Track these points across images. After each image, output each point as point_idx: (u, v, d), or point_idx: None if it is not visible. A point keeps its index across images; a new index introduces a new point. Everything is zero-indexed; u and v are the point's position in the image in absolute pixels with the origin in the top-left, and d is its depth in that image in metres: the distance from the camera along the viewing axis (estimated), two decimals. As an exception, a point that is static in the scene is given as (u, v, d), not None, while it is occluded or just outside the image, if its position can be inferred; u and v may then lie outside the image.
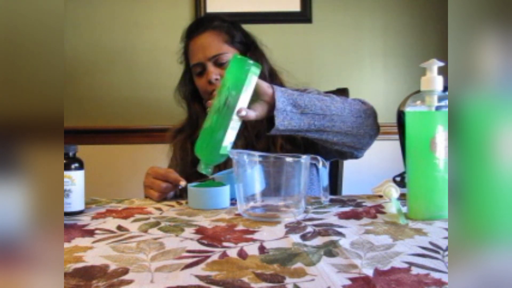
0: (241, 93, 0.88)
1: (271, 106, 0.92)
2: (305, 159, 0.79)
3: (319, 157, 0.81)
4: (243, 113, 0.88)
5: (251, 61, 0.90)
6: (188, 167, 1.19)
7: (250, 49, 1.21)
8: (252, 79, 0.89)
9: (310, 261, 0.53)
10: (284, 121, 0.92)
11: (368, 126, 1.01)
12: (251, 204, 0.80)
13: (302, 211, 0.80)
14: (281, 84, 1.19)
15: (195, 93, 1.24)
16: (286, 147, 1.14)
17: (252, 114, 0.90)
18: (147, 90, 1.82)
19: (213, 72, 1.14)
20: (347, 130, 0.98)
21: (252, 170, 0.81)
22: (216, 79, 1.13)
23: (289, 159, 0.80)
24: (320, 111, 0.95)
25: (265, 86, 0.93)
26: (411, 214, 0.76)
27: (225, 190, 0.90)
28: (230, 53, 1.16)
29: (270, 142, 1.15)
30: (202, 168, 0.89)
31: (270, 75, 1.21)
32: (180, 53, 1.26)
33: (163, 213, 0.84)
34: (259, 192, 0.81)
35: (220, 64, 1.15)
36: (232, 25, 1.21)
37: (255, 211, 0.80)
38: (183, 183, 0.98)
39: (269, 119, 0.95)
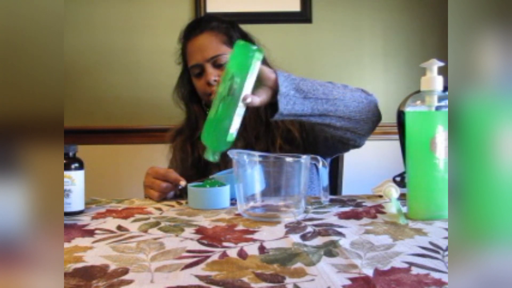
0: (246, 79, 0.87)
1: (274, 91, 0.92)
2: (305, 159, 0.79)
3: (319, 157, 0.81)
4: (249, 100, 0.87)
5: (254, 47, 0.89)
6: (188, 169, 1.18)
7: None
8: (256, 64, 0.88)
9: (310, 261, 0.53)
10: (288, 106, 0.91)
11: (370, 112, 1.00)
12: (251, 204, 0.80)
13: (302, 211, 0.80)
14: None
15: (194, 94, 1.24)
16: (285, 148, 1.14)
17: (257, 100, 0.89)
18: (147, 90, 1.82)
19: (212, 73, 1.14)
20: (350, 114, 0.97)
21: (252, 170, 0.81)
22: (215, 80, 1.13)
23: (289, 159, 0.80)
24: (323, 96, 0.94)
25: (268, 71, 0.92)
26: (411, 214, 0.76)
27: (225, 190, 0.90)
28: (228, 55, 1.15)
29: (269, 142, 1.15)
30: (209, 156, 0.89)
31: None
32: (178, 54, 1.26)
33: (163, 213, 0.84)
34: (259, 192, 0.81)
35: (218, 65, 1.15)
36: (230, 26, 1.21)
37: (255, 211, 0.80)
38: (183, 183, 0.98)
39: (271, 106, 0.95)
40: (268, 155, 0.82)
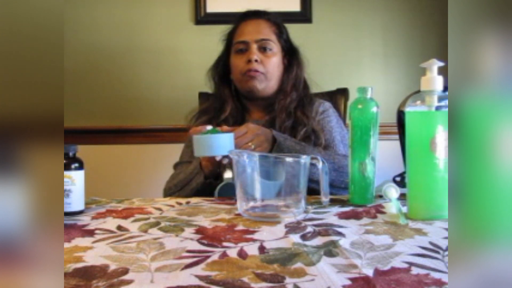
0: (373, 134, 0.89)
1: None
2: (305, 159, 0.79)
3: (319, 157, 0.81)
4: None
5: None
6: None
7: (293, 54, 1.29)
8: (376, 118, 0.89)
9: (310, 261, 0.53)
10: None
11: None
12: (251, 204, 0.80)
13: (302, 211, 0.80)
14: (309, 96, 1.29)
15: (226, 76, 1.28)
16: (307, 143, 1.17)
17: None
18: (147, 90, 1.82)
19: (255, 54, 1.20)
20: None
21: (252, 170, 0.81)
22: (256, 60, 1.19)
23: (289, 159, 0.80)
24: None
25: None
26: (411, 214, 0.76)
27: (228, 137, 0.94)
28: (275, 44, 1.24)
29: (292, 136, 1.18)
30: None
31: (304, 87, 1.29)
32: (225, 33, 1.30)
33: (163, 213, 0.84)
34: (259, 192, 0.80)
35: (263, 49, 1.22)
36: (283, 26, 1.30)
37: (255, 211, 0.80)
38: (209, 127, 1.00)
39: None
40: (268, 155, 0.82)
